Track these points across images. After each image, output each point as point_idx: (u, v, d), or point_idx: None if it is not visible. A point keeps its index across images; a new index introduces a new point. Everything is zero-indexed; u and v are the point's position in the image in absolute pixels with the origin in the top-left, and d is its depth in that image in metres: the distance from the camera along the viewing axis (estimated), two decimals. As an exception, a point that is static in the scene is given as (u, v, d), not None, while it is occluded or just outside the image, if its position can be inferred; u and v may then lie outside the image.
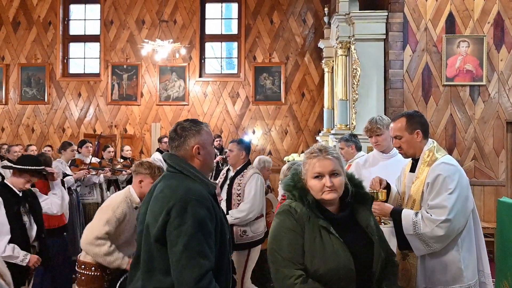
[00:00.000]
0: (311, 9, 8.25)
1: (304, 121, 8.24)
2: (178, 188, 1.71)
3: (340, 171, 1.76)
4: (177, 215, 1.63)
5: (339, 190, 1.75)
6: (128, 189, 2.82)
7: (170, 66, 8.36)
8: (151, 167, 2.77)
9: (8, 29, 8.72)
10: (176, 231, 1.62)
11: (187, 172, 1.78)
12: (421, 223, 2.19)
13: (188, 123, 1.87)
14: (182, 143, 1.82)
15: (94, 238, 2.59)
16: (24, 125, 8.71)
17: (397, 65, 5.36)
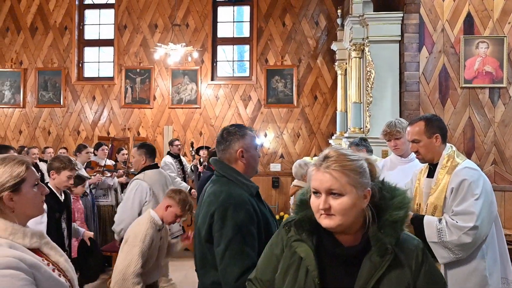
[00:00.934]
0: (324, 11, 8.06)
1: (316, 124, 8.04)
2: (220, 194, 1.82)
3: (343, 190, 1.22)
4: (218, 218, 1.76)
5: (340, 216, 1.22)
6: (149, 213, 2.74)
7: (182, 70, 8.27)
8: (185, 202, 2.75)
9: (26, 35, 8.75)
10: (218, 233, 1.75)
11: (230, 177, 1.87)
12: (446, 230, 2.08)
13: (234, 128, 1.95)
14: (227, 147, 1.91)
15: (132, 275, 2.51)
16: (41, 127, 8.72)
17: (413, 67, 5.14)
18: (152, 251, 2.68)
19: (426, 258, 1.27)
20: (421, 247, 1.29)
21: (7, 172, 1.35)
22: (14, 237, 1.33)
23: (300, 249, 1.29)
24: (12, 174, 1.35)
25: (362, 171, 1.26)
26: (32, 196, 1.40)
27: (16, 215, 1.36)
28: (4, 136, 8.78)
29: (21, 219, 1.38)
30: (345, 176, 1.23)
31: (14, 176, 1.35)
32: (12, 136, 8.77)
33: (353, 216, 1.24)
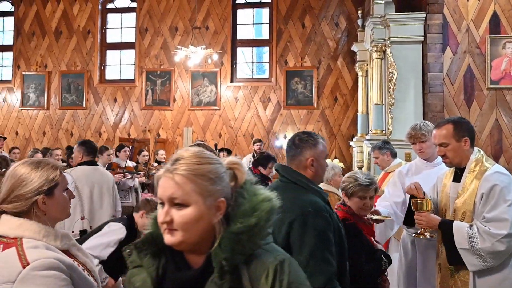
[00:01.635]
0: (344, 12, 8.02)
1: (337, 126, 8.00)
2: (296, 201, 1.78)
3: (187, 199, 1.01)
4: (299, 226, 1.73)
5: (182, 231, 1.01)
6: None
7: (202, 72, 8.35)
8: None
9: (50, 38, 9.01)
10: (299, 242, 1.72)
11: (302, 183, 1.83)
12: (478, 237, 2.03)
13: (306, 136, 1.92)
14: (298, 154, 1.87)
15: None
16: (64, 129, 8.95)
17: (436, 68, 5.06)
18: None
19: (281, 276, 1.03)
20: (276, 264, 1.03)
21: (43, 176, 1.38)
22: (47, 239, 1.35)
23: (137, 278, 1.08)
24: (48, 178, 1.38)
25: (216, 177, 1.04)
26: (62, 200, 1.44)
27: (48, 218, 1.39)
28: (28, 137, 9.05)
29: (51, 222, 1.41)
30: (190, 183, 1.01)
31: (49, 180, 1.38)
32: (36, 137, 9.03)
33: (199, 232, 1.02)
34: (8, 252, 1.26)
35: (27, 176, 1.36)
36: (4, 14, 9.55)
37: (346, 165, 7.51)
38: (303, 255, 1.69)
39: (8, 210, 1.35)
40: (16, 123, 9.15)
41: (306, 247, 1.70)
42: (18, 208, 1.34)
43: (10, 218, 1.33)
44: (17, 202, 1.34)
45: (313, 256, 1.68)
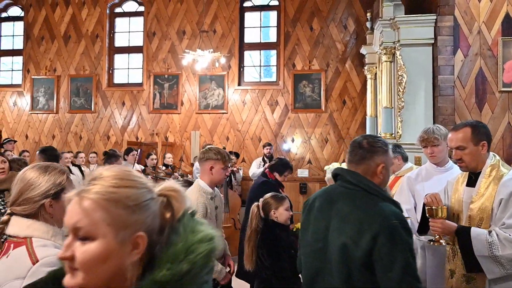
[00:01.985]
0: (353, 15, 7.97)
1: (345, 129, 7.94)
2: (375, 211, 1.65)
3: (94, 231, 0.81)
4: (387, 241, 1.59)
5: (83, 272, 0.80)
6: (197, 182, 2.71)
7: (209, 75, 8.36)
8: (220, 153, 2.70)
9: (59, 43, 9.10)
10: (389, 258, 1.58)
11: (373, 191, 1.71)
12: (498, 244, 1.98)
13: (376, 140, 1.82)
14: (367, 158, 1.76)
15: None
16: (73, 132, 9.01)
17: (447, 71, 5.00)
18: (208, 221, 2.58)
19: None
20: None
21: (51, 181, 1.44)
22: (56, 238, 1.41)
23: None
24: (55, 183, 1.45)
25: (135, 205, 0.83)
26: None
27: (55, 221, 1.44)
28: (38, 141, 9.13)
29: (58, 225, 1.46)
30: (100, 210, 0.80)
31: (56, 184, 1.45)
32: (46, 141, 9.10)
33: (106, 275, 0.80)
34: (19, 251, 1.32)
35: (35, 180, 1.43)
36: (14, 19, 9.67)
37: (355, 168, 7.45)
38: (396, 272, 1.56)
39: (18, 212, 1.41)
40: (26, 127, 9.24)
41: (398, 263, 1.57)
42: (26, 210, 1.40)
43: (20, 219, 1.40)
44: (25, 205, 1.40)
45: (407, 273, 1.57)
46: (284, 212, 2.81)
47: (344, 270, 1.67)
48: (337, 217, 1.73)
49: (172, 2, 8.62)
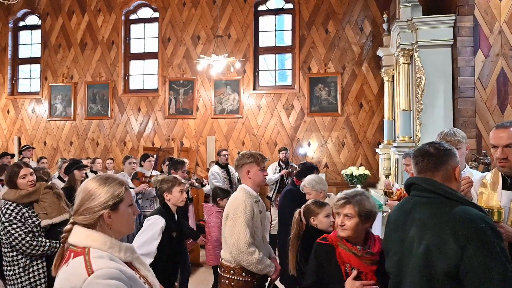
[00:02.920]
0: (369, 17, 7.95)
1: (362, 133, 7.90)
2: (457, 215, 1.56)
3: None
4: (478, 249, 1.48)
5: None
6: (242, 186, 2.78)
7: (224, 80, 8.44)
8: (253, 155, 2.77)
9: (76, 50, 9.32)
10: (484, 267, 1.46)
11: (452, 196, 1.63)
12: None
13: (443, 144, 1.77)
14: (442, 163, 1.71)
15: (245, 245, 2.58)
16: (90, 139, 9.19)
17: (467, 72, 4.94)
18: (255, 223, 2.69)
19: None
20: None
21: (110, 192, 1.50)
22: (112, 250, 1.46)
23: None
24: (114, 194, 1.51)
25: None
26: (127, 215, 1.55)
27: (112, 231, 1.51)
28: (56, 147, 9.35)
29: (116, 236, 1.53)
30: None
31: (115, 195, 1.51)
32: (63, 147, 9.32)
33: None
34: (77, 260, 1.39)
35: (95, 191, 1.50)
36: (31, 27, 9.95)
37: (372, 172, 7.41)
38: (494, 282, 1.44)
39: (79, 221, 1.48)
40: (44, 133, 9.47)
41: (495, 272, 1.45)
42: (86, 220, 1.47)
43: (81, 229, 1.47)
44: (86, 215, 1.47)
45: (507, 279, 1.44)
46: (324, 219, 2.76)
47: (424, 281, 1.60)
48: (415, 226, 1.68)
49: (186, 7, 8.75)
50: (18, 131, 9.63)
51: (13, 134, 9.62)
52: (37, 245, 2.92)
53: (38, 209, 3.05)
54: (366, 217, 2.12)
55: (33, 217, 3.00)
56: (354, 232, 2.11)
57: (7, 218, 2.92)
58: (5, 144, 9.65)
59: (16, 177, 3.05)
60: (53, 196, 3.13)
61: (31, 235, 2.92)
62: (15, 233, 2.89)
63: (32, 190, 3.06)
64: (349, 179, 7.04)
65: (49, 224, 3.03)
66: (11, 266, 2.96)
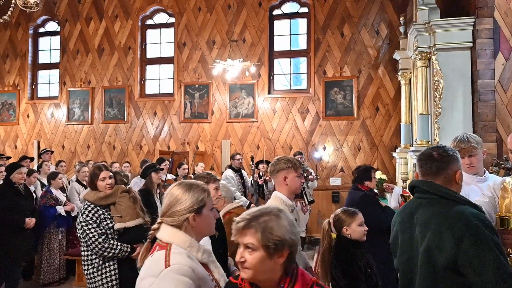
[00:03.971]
0: (385, 20, 7.91)
1: (378, 137, 7.84)
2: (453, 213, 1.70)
3: None
4: (472, 243, 1.61)
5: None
6: (276, 195, 2.64)
7: (239, 84, 8.49)
8: (290, 160, 2.66)
9: (94, 56, 9.51)
10: (478, 259, 1.59)
11: (450, 196, 1.78)
12: None
13: (446, 149, 1.90)
14: (443, 168, 1.85)
15: None
16: (107, 142, 9.35)
17: (487, 75, 4.88)
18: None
19: None
20: None
21: (195, 197, 1.67)
22: (191, 249, 1.61)
23: None
24: (198, 199, 1.67)
25: None
26: (209, 219, 1.72)
27: (195, 233, 1.67)
28: (74, 151, 9.54)
29: (198, 237, 1.69)
30: None
31: (199, 200, 1.67)
32: (81, 150, 9.50)
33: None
34: (160, 253, 1.57)
35: (181, 196, 1.66)
36: (51, 33, 10.20)
37: (389, 176, 7.34)
38: (488, 275, 1.56)
39: (166, 222, 1.66)
40: (62, 137, 9.67)
41: (488, 266, 1.57)
42: (174, 222, 1.64)
43: (167, 227, 1.65)
44: (173, 217, 1.64)
45: (501, 274, 1.56)
46: (358, 228, 2.64)
47: (428, 275, 1.73)
48: (418, 226, 1.82)
49: (202, 12, 8.86)
50: (37, 135, 9.86)
51: (33, 138, 9.86)
52: (108, 247, 3.01)
53: (114, 212, 3.14)
54: (275, 248, 1.41)
55: (108, 220, 3.10)
56: (259, 272, 1.42)
57: (84, 218, 3.04)
58: (25, 147, 9.89)
59: (96, 179, 3.16)
60: (129, 200, 3.21)
61: (104, 237, 3.02)
62: (90, 233, 2.99)
63: (110, 192, 3.16)
64: (366, 183, 6.99)
65: (122, 227, 3.10)
66: (87, 266, 3.07)
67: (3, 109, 10.14)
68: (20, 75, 10.07)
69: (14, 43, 10.12)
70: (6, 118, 10.10)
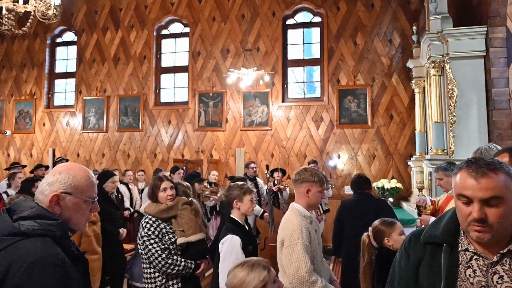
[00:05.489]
0: (398, 29, 8.12)
1: (393, 145, 8.00)
2: None
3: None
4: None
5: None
6: (294, 206, 2.64)
7: (253, 92, 8.74)
8: (317, 174, 2.63)
9: (109, 65, 9.87)
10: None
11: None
12: None
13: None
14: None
15: (307, 274, 2.41)
16: (121, 151, 9.65)
17: (501, 83, 5.04)
18: (313, 246, 2.53)
19: None
20: None
21: (257, 278, 1.79)
22: None
23: None
24: (260, 279, 1.79)
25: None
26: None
27: None
28: (89, 159, 9.85)
29: None
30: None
31: (261, 280, 1.79)
32: (95, 159, 9.81)
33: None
34: None
35: (245, 278, 1.78)
36: (68, 43, 10.62)
37: (404, 185, 7.46)
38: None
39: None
40: (77, 146, 10.00)
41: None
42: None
43: None
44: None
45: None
46: (399, 238, 2.57)
47: None
48: None
49: (216, 22, 9.17)
50: (52, 143, 10.21)
51: (48, 146, 10.21)
52: (172, 263, 2.88)
53: (175, 225, 3.02)
54: None
55: (170, 234, 2.98)
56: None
57: (146, 232, 2.92)
58: (40, 156, 10.24)
59: (158, 190, 3.06)
60: (191, 212, 3.08)
61: (167, 253, 2.90)
62: (152, 248, 2.89)
63: (171, 204, 3.05)
64: (381, 192, 7.13)
65: (185, 242, 2.98)
66: (150, 284, 2.95)
67: (20, 117, 10.54)
68: (37, 84, 10.48)
69: (31, 53, 10.55)
70: (22, 127, 10.49)
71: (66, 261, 1.43)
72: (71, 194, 1.56)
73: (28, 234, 1.41)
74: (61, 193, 1.54)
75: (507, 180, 1.29)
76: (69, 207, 1.55)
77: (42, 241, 1.42)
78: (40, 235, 1.43)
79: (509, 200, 1.28)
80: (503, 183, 1.28)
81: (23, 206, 1.51)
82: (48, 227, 1.45)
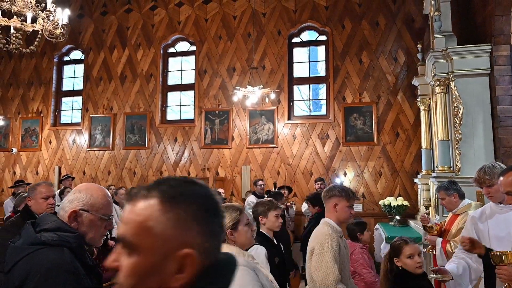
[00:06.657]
0: (403, 47, 8.30)
1: (399, 162, 8.08)
2: None
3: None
4: None
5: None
6: (325, 220, 2.75)
7: (259, 110, 8.90)
8: (344, 190, 2.77)
9: (116, 83, 10.11)
10: None
11: None
12: None
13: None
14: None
15: (334, 282, 2.46)
16: (127, 168, 9.79)
17: (506, 101, 5.15)
18: (342, 259, 2.61)
19: None
20: None
21: (228, 217, 2.08)
22: (238, 256, 1.91)
23: None
24: (231, 217, 2.10)
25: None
26: (244, 232, 2.15)
27: (238, 245, 2.10)
28: (95, 177, 9.99)
29: (241, 247, 2.13)
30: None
31: (232, 218, 2.09)
32: (101, 176, 9.95)
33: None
34: None
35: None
36: (75, 62, 10.90)
37: (411, 203, 7.50)
38: None
39: None
40: (83, 163, 10.16)
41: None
42: None
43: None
44: None
45: None
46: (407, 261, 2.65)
47: None
48: None
49: (222, 41, 9.41)
50: (59, 160, 10.37)
51: (54, 164, 10.37)
52: None
53: None
54: None
55: None
56: None
57: None
58: (46, 173, 10.40)
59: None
60: None
61: None
62: None
63: None
64: (387, 209, 7.19)
65: None
66: None
67: (26, 135, 10.74)
68: (43, 102, 10.72)
69: (39, 71, 10.83)
70: (28, 144, 10.68)
71: (80, 270, 1.62)
72: (88, 211, 1.75)
73: (47, 243, 1.61)
74: (79, 210, 1.74)
75: None
76: (85, 223, 1.75)
77: (60, 250, 1.62)
78: (58, 245, 1.63)
79: None
80: None
81: (46, 220, 1.72)
82: (66, 239, 1.65)
